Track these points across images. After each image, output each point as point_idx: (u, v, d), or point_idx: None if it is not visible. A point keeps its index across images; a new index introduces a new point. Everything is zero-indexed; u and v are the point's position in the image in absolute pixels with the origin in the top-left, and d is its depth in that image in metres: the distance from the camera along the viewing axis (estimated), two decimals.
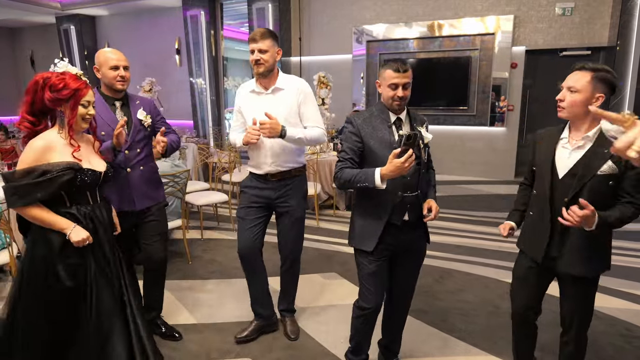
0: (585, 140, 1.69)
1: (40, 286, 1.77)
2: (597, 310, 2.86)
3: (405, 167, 1.71)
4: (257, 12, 7.65)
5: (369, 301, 2.00)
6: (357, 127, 1.91)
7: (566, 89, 1.68)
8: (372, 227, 1.92)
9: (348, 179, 1.85)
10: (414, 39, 7.09)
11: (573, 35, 6.25)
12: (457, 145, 7.13)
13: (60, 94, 1.73)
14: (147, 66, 9.54)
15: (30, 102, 1.78)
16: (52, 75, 1.76)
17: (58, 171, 1.72)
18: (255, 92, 2.42)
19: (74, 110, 1.77)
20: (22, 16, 10.11)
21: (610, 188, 1.65)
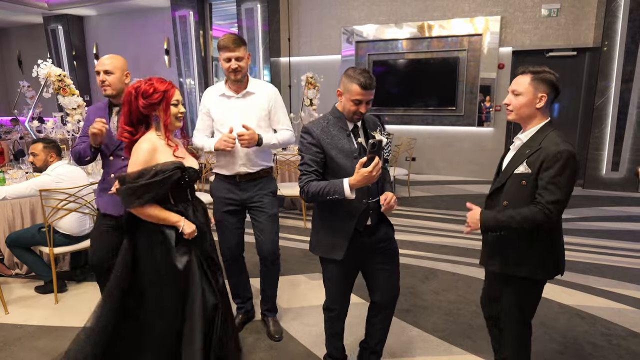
0: (518, 140, 1.77)
1: (157, 280, 1.83)
2: (578, 309, 2.90)
3: (373, 176, 1.70)
4: (246, 12, 7.64)
5: (335, 304, 2.06)
6: (317, 137, 1.86)
7: (511, 93, 1.74)
8: (339, 236, 1.90)
9: (316, 192, 1.80)
10: (403, 40, 7.12)
11: (559, 36, 6.32)
12: (445, 145, 7.17)
13: (152, 99, 1.82)
14: (136, 67, 9.47)
15: (127, 113, 1.86)
16: (141, 84, 1.84)
17: (169, 171, 1.80)
18: (226, 95, 2.45)
19: (167, 111, 1.85)
20: (8, 16, 9.99)
21: (524, 188, 1.68)
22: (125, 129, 1.88)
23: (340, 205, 1.86)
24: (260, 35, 7.64)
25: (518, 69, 1.76)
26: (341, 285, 2.02)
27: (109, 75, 2.31)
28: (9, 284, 3.32)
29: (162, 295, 1.84)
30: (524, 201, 1.67)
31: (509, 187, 1.73)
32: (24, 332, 2.69)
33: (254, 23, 7.60)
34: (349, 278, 2.03)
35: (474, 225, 1.71)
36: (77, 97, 4.29)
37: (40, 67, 4.14)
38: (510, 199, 1.71)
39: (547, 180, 1.60)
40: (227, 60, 2.34)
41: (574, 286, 3.24)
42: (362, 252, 1.96)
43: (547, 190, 1.60)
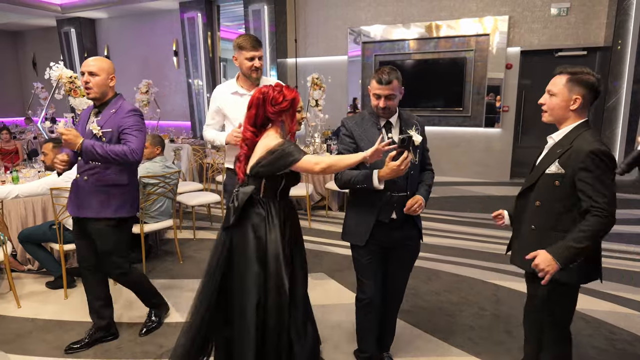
0: (550, 140, 1.76)
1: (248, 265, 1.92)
2: (583, 312, 2.88)
3: (402, 170, 1.80)
4: (253, 13, 7.70)
5: (364, 292, 2.12)
6: (350, 129, 2.02)
7: (547, 93, 1.72)
8: (363, 224, 2.02)
9: (348, 180, 1.95)
10: (410, 40, 7.11)
11: (568, 36, 6.25)
12: (452, 146, 7.14)
13: (281, 106, 1.90)
14: (146, 68, 9.62)
15: (253, 116, 1.96)
16: (270, 91, 1.93)
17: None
18: (239, 93, 2.56)
19: (293, 118, 1.96)
20: (24, 19, 10.22)
21: (558, 189, 1.65)
22: (249, 129, 1.98)
23: (366, 196, 1.99)
24: (267, 36, 7.70)
25: (556, 69, 1.72)
26: (368, 274, 2.09)
27: (93, 77, 2.29)
28: (21, 279, 3.41)
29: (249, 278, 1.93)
30: (558, 202, 1.65)
31: (540, 187, 1.72)
32: (35, 325, 2.77)
33: (261, 24, 7.66)
34: (375, 265, 2.08)
35: (550, 268, 1.57)
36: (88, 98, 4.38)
37: (52, 69, 4.24)
38: (542, 199, 1.70)
39: (589, 181, 1.55)
40: (251, 59, 2.48)
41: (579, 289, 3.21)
42: (388, 244, 2.06)
43: (595, 191, 1.54)
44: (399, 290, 2.23)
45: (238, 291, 1.93)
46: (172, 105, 9.26)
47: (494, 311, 2.90)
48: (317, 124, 5.90)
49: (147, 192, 3.45)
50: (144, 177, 3.41)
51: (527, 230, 1.77)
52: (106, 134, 2.29)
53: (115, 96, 2.41)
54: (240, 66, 2.53)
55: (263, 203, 1.94)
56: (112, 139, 2.29)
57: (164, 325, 2.77)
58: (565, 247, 1.56)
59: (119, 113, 2.33)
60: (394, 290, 2.22)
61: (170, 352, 2.09)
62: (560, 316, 1.79)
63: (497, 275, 3.45)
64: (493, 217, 2.02)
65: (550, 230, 1.69)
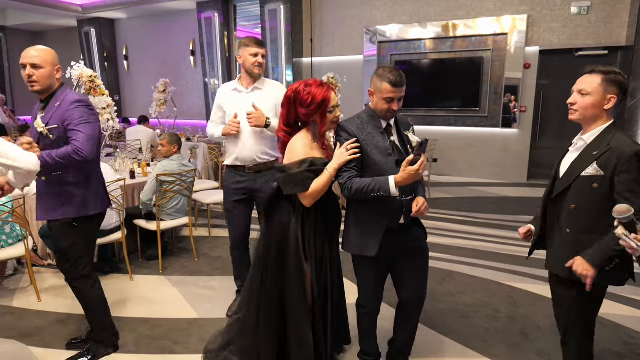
0: (581, 141, 1.71)
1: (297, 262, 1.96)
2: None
3: (420, 174, 1.78)
4: (269, 13, 7.75)
5: (369, 302, 2.08)
6: (353, 134, 1.89)
7: (577, 92, 1.69)
8: (372, 233, 1.91)
9: (360, 189, 1.82)
10: (426, 40, 7.05)
11: (589, 35, 6.13)
12: (468, 146, 7.06)
13: (310, 109, 1.89)
14: (163, 67, 9.77)
15: (286, 115, 1.98)
16: (300, 90, 1.90)
17: (320, 165, 1.90)
18: (238, 90, 2.71)
19: (323, 119, 1.92)
20: (45, 20, 10.47)
21: (596, 192, 1.62)
22: (283, 129, 2.01)
23: (374, 203, 1.89)
24: (283, 36, 7.74)
25: (585, 68, 1.70)
26: (374, 283, 2.05)
27: (37, 70, 2.09)
28: (41, 274, 3.50)
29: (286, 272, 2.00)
30: (595, 204, 1.62)
31: (576, 189, 1.66)
32: (54, 319, 2.84)
33: (277, 24, 7.70)
34: (381, 275, 2.06)
35: (587, 272, 1.55)
36: (107, 97, 4.47)
37: (73, 68, 4.34)
38: (578, 202, 1.65)
39: (630, 184, 1.53)
40: (254, 55, 2.60)
41: None
42: (395, 250, 1.98)
43: (634, 194, 1.52)
44: (420, 297, 2.10)
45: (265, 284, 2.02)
46: (189, 104, 9.37)
47: (509, 313, 2.87)
48: None
49: (164, 190, 3.51)
50: (161, 174, 3.47)
51: (561, 234, 1.72)
52: (52, 130, 2.10)
53: (60, 87, 2.19)
54: (243, 63, 2.65)
55: (291, 198, 1.97)
56: (60, 135, 2.10)
57: (177, 321, 2.81)
58: (601, 249, 1.55)
59: (63, 105, 2.12)
60: (415, 298, 2.09)
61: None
62: (589, 317, 1.77)
63: (513, 277, 3.41)
64: (522, 236, 1.95)
65: (586, 234, 1.65)
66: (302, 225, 1.97)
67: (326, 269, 2.04)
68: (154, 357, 2.44)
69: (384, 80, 1.84)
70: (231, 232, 2.85)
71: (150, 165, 4.52)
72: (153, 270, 3.60)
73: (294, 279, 1.95)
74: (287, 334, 2.00)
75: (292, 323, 1.98)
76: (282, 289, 1.99)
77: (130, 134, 6.67)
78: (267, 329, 2.02)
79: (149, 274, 3.54)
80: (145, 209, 3.61)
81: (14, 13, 10.67)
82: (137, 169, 4.30)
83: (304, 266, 1.94)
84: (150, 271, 3.59)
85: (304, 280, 1.96)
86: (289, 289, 1.97)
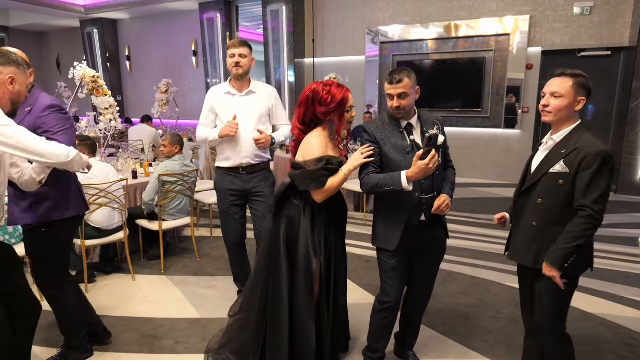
0: (550, 141, 1.80)
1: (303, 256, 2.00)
2: (603, 318, 2.82)
3: (430, 168, 1.80)
4: (271, 14, 7.75)
5: (389, 295, 2.10)
6: (372, 134, 1.98)
7: (550, 95, 1.76)
8: (393, 229, 2.00)
9: (375, 184, 1.91)
10: (428, 40, 7.05)
11: (592, 35, 6.11)
12: (470, 147, 7.05)
13: (329, 107, 1.93)
14: (166, 67, 9.79)
15: (302, 114, 2.01)
16: (320, 89, 1.94)
17: (336, 164, 1.94)
18: (230, 93, 2.72)
19: (342, 118, 1.97)
20: (48, 20, 10.51)
21: (561, 188, 1.72)
22: (298, 127, 2.04)
23: (394, 200, 1.96)
24: (285, 37, 7.75)
25: (555, 71, 1.79)
26: (395, 277, 2.07)
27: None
28: None
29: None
30: (560, 199, 1.72)
31: (543, 185, 1.77)
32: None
33: (279, 24, 7.71)
34: (403, 270, 2.08)
35: (552, 272, 1.69)
36: (110, 97, 4.49)
37: (76, 69, 4.36)
38: (544, 197, 1.76)
39: (587, 179, 1.64)
40: (232, 56, 2.62)
41: (601, 294, 3.14)
42: (417, 246, 2.05)
43: (589, 190, 1.64)
44: (427, 292, 2.22)
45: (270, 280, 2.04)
46: (191, 105, 9.39)
47: (511, 314, 2.86)
48: None
49: (166, 190, 3.51)
50: (163, 175, 3.47)
51: (527, 226, 1.83)
52: None
53: (30, 90, 2.04)
54: (228, 66, 2.69)
55: (301, 195, 2.00)
56: None
57: (178, 320, 2.81)
58: (557, 250, 1.69)
59: (35, 111, 2.00)
60: (422, 292, 2.20)
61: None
62: (557, 310, 1.83)
63: (515, 278, 3.35)
64: (497, 221, 2.02)
65: (550, 226, 1.77)
66: (312, 220, 1.99)
67: (333, 265, 2.07)
68: (155, 357, 2.45)
69: (386, 80, 1.95)
70: (227, 234, 2.86)
71: (152, 166, 4.53)
72: (155, 270, 3.60)
73: (303, 274, 1.96)
74: (292, 329, 2.00)
75: (297, 318, 1.98)
76: (290, 285, 1.99)
77: (133, 133, 6.68)
78: (272, 323, 2.02)
79: (151, 274, 3.55)
80: (148, 209, 3.62)
81: (17, 14, 10.72)
82: (140, 169, 4.31)
83: (313, 261, 1.95)
84: (152, 271, 3.60)
85: (313, 275, 1.97)
86: (297, 284, 1.98)
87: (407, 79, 1.89)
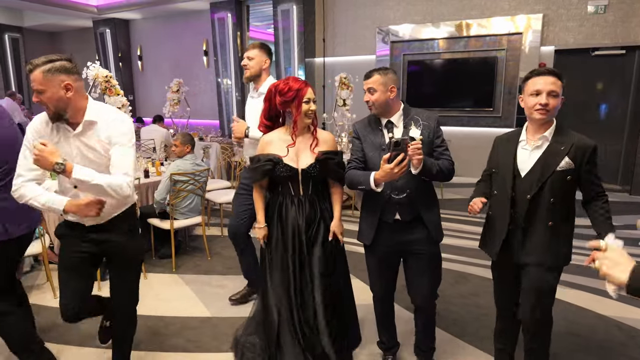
0: (543, 140, 1.80)
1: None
2: (618, 320, 2.78)
3: (395, 173, 1.77)
4: (282, 13, 7.76)
5: (373, 290, 2.24)
6: (357, 131, 2.08)
7: (547, 94, 1.73)
8: (369, 224, 2.07)
9: (351, 179, 2.01)
10: (439, 40, 7.00)
11: (606, 34, 6.01)
12: (481, 147, 6.96)
13: (286, 96, 2.03)
14: (177, 67, 9.86)
15: (267, 109, 2.14)
16: (280, 82, 2.08)
17: (262, 162, 2.07)
18: (251, 95, 2.86)
19: (298, 108, 2.03)
20: (61, 21, 10.64)
21: (569, 183, 1.77)
22: (264, 123, 2.17)
23: (370, 196, 2.04)
24: (295, 36, 7.75)
25: (539, 68, 1.81)
26: (375, 270, 2.16)
27: None
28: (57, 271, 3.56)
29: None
30: (569, 194, 1.79)
31: (552, 184, 1.77)
32: None
33: (290, 24, 7.71)
34: (382, 266, 2.14)
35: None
36: (122, 97, 4.53)
37: (89, 69, 4.41)
38: (556, 195, 1.78)
39: (594, 172, 1.78)
40: (242, 60, 2.75)
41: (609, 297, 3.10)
42: (398, 247, 2.06)
43: (597, 177, 1.80)
44: (421, 297, 2.14)
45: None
46: (202, 104, 9.45)
47: None
48: (345, 123, 5.90)
49: (178, 189, 3.54)
50: (175, 174, 3.50)
51: (543, 227, 1.82)
52: None
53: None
54: None
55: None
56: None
57: (189, 319, 2.83)
58: (608, 229, 1.71)
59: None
60: (416, 297, 2.17)
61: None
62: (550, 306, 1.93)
63: None
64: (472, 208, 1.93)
65: (564, 223, 1.82)
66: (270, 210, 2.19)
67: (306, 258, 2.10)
68: (167, 355, 2.47)
69: None
70: (231, 223, 2.92)
71: (163, 165, 4.57)
72: (166, 269, 3.64)
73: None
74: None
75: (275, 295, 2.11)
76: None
77: (144, 133, 6.75)
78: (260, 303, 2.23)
79: (162, 272, 3.58)
80: (159, 207, 3.66)
81: (30, 14, 10.87)
82: (151, 168, 4.35)
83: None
84: (164, 269, 3.64)
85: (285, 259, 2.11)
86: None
87: (378, 75, 1.95)
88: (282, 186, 2.13)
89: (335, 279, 2.17)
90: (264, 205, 2.20)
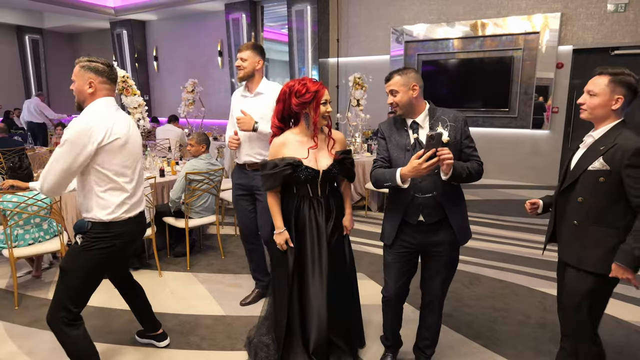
0: (589, 138, 1.79)
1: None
2: (638, 325, 2.71)
3: (422, 169, 1.76)
4: (296, 14, 7.79)
5: (386, 290, 2.18)
6: (382, 131, 2.08)
7: (586, 93, 1.77)
8: (391, 224, 2.06)
9: (377, 178, 1.99)
10: (454, 39, 6.94)
11: (626, 33, 5.88)
12: (497, 148, 6.90)
13: (304, 98, 2.00)
14: (192, 67, 9.96)
15: (280, 110, 2.10)
16: (295, 83, 2.03)
17: (281, 166, 2.02)
18: (244, 95, 2.83)
19: (317, 110, 2.02)
20: (80, 22, 10.85)
21: (602, 185, 1.69)
22: (276, 124, 2.13)
23: (395, 197, 2.03)
24: (309, 36, 7.77)
25: (596, 69, 1.77)
26: (391, 273, 2.12)
27: None
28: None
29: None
30: (602, 197, 1.70)
31: (582, 183, 1.75)
32: (87, 311, 2.91)
33: (304, 24, 7.73)
34: (400, 266, 2.09)
35: (627, 274, 1.64)
36: (138, 96, 4.60)
37: None
38: (585, 196, 1.74)
39: (634, 176, 1.62)
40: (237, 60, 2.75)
41: (635, 301, 3.03)
42: (417, 247, 2.05)
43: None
44: (433, 297, 2.15)
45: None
46: (217, 104, 9.52)
47: (539, 320, 2.79)
48: (358, 123, 5.88)
49: (192, 188, 3.58)
50: (190, 173, 3.54)
51: (569, 224, 1.81)
52: None
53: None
54: None
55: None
56: None
57: (204, 317, 2.86)
58: (629, 250, 1.62)
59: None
60: (428, 297, 2.17)
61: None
62: (596, 312, 1.82)
63: (545, 282, 3.31)
64: (529, 206, 1.99)
65: (594, 225, 1.74)
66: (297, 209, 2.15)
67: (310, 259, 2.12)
68: (181, 352, 2.50)
69: None
70: (238, 224, 3.00)
71: (179, 164, 4.62)
72: (181, 267, 3.68)
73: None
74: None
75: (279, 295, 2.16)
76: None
77: (160, 133, 6.83)
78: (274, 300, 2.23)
79: (177, 271, 3.62)
80: (174, 206, 3.70)
81: (50, 16, 11.11)
82: (167, 168, 4.40)
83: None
84: (178, 268, 3.67)
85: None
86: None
87: (398, 77, 1.93)
88: (299, 188, 2.11)
89: (347, 276, 2.23)
90: (280, 209, 2.13)
